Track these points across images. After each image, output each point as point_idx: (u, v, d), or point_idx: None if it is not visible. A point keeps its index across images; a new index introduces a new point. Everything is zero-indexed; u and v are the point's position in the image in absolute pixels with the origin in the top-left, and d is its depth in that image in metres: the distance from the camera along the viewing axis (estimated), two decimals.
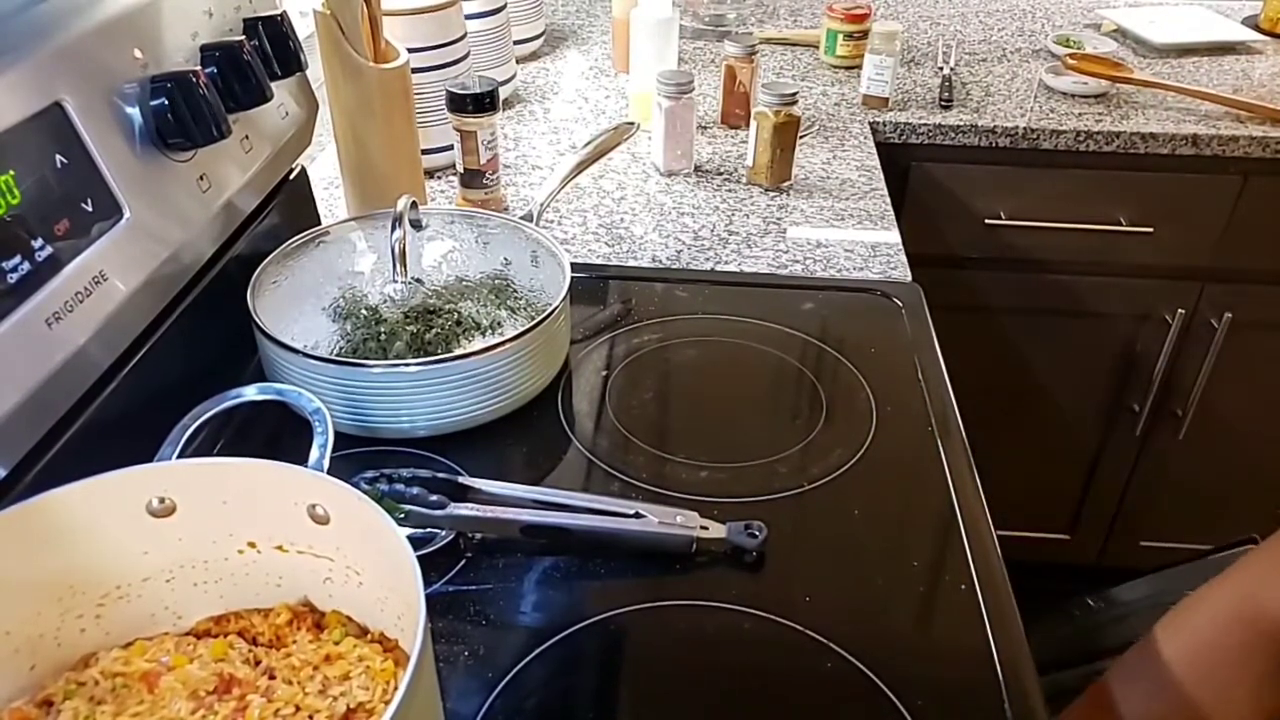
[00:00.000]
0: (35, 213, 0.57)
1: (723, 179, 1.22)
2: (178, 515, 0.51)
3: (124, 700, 0.48)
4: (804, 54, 1.66)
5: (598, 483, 0.75)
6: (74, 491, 0.48)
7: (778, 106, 1.14)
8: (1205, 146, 1.39)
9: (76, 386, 0.61)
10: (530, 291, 0.85)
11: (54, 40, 0.61)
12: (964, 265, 1.53)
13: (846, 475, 0.76)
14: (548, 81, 1.52)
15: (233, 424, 0.75)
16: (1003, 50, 1.68)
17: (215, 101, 0.70)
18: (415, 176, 1.05)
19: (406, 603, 0.46)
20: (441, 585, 0.65)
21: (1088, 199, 1.46)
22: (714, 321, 0.94)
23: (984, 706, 0.58)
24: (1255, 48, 1.67)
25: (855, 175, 1.25)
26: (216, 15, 0.76)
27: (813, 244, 1.08)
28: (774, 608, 0.64)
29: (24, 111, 0.57)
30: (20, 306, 0.55)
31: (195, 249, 0.74)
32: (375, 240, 0.88)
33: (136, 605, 0.53)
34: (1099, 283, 1.54)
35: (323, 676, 0.49)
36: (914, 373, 0.87)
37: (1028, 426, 1.67)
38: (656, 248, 1.08)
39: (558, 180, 1.02)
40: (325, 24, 0.93)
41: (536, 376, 0.81)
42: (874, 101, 1.44)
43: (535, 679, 0.59)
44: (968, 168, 1.45)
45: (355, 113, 0.97)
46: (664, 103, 1.17)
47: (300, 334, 0.77)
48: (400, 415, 0.75)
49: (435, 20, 1.13)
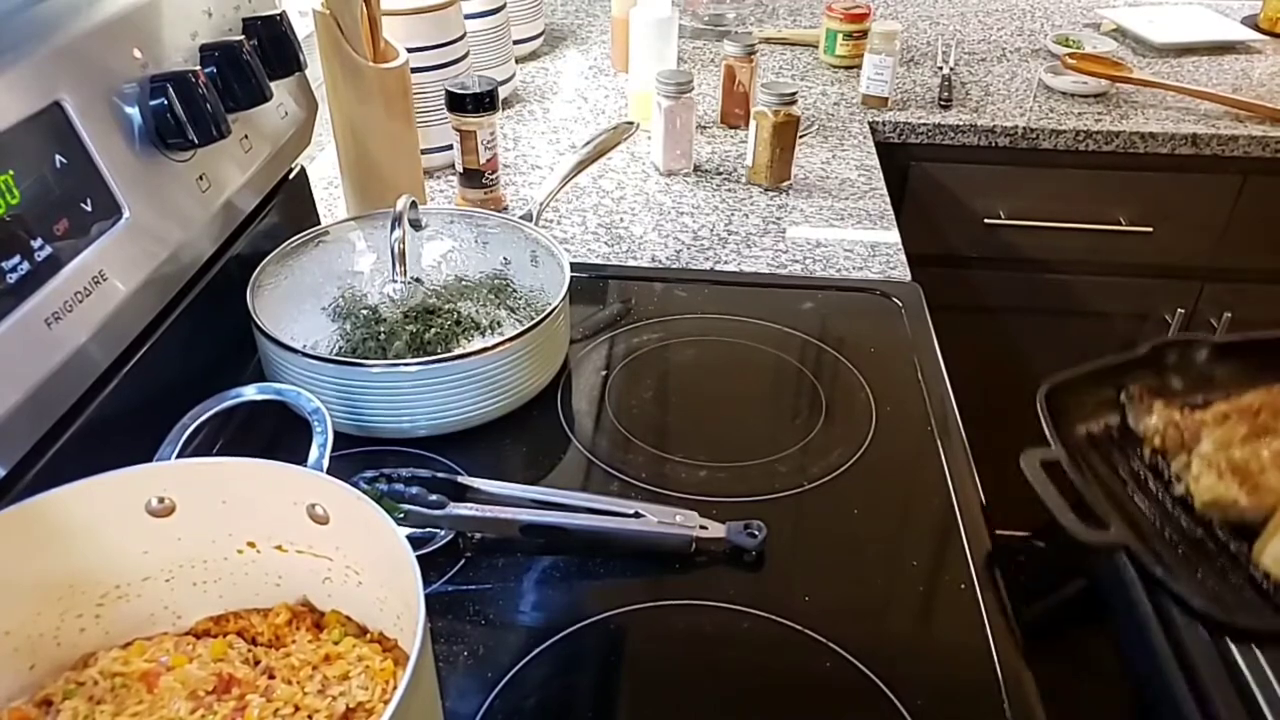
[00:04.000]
0: (35, 212, 0.57)
1: (722, 179, 1.22)
2: (177, 515, 0.51)
3: (123, 700, 0.48)
4: (803, 54, 1.66)
5: (597, 482, 0.75)
6: (74, 491, 0.48)
7: (777, 106, 1.14)
8: (1205, 146, 1.40)
9: (76, 386, 0.61)
10: (530, 291, 0.85)
11: (54, 40, 0.61)
12: (964, 265, 1.53)
13: (846, 475, 0.76)
14: (547, 81, 1.52)
15: (233, 424, 0.75)
16: (1002, 50, 1.68)
17: (215, 101, 0.70)
18: (415, 176, 1.05)
19: (406, 602, 0.46)
20: (441, 585, 0.65)
21: (1088, 199, 1.46)
22: (713, 321, 0.94)
23: (984, 706, 0.58)
24: (1255, 47, 1.67)
25: (855, 175, 1.25)
26: (216, 15, 0.76)
27: (812, 244, 1.08)
28: (773, 607, 0.64)
29: (24, 111, 0.57)
30: (20, 306, 0.55)
31: (195, 249, 0.74)
32: (375, 240, 0.88)
33: (136, 605, 0.53)
34: (1099, 283, 1.54)
35: (322, 676, 0.49)
36: (914, 373, 0.87)
37: (1028, 426, 1.67)
38: (656, 247, 1.08)
39: (557, 180, 1.02)
40: (325, 24, 0.93)
41: (536, 376, 0.81)
42: (873, 101, 1.44)
43: (535, 679, 0.59)
44: (967, 167, 1.45)
45: (355, 112, 0.97)
46: (663, 102, 1.17)
47: (300, 334, 0.77)
48: (400, 415, 0.75)
49: (435, 20, 1.13)
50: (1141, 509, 0.72)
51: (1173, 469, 0.74)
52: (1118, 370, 0.80)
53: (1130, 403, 0.78)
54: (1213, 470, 0.70)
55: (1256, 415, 0.72)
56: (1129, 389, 0.78)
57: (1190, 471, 0.72)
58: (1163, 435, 0.74)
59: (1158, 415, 0.75)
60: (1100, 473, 0.74)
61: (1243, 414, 0.73)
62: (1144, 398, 0.78)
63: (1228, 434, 0.72)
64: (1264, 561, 0.65)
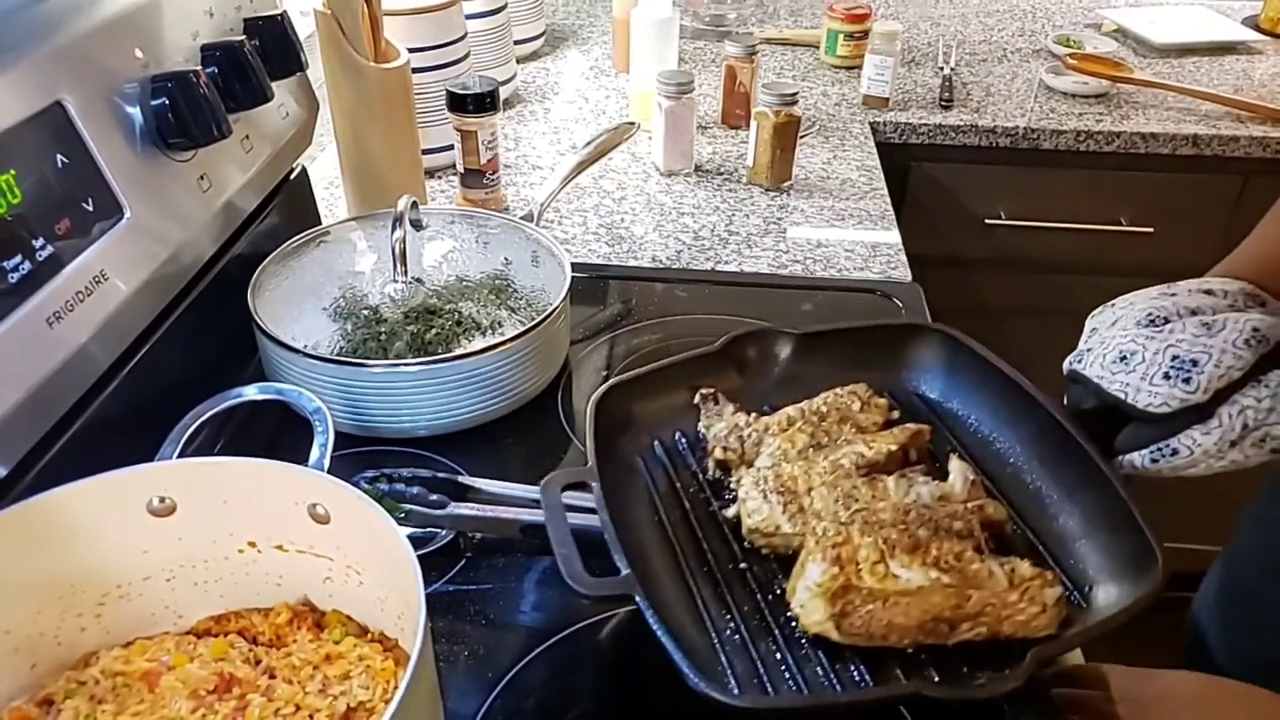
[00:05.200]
0: (36, 212, 0.57)
1: (723, 179, 1.22)
2: (178, 515, 0.51)
3: (124, 699, 0.48)
4: (804, 54, 1.66)
5: None
6: (74, 491, 0.48)
7: (778, 106, 1.14)
8: (1206, 146, 1.39)
9: (77, 386, 0.61)
10: (530, 291, 0.85)
11: (54, 40, 0.61)
12: (964, 266, 1.53)
13: None
14: (548, 81, 1.52)
15: (233, 424, 0.75)
16: (1003, 50, 1.68)
17: (215, 101, 0.70)
18: (415, 176, 1.05)
19: (406, 602, 0.46)
20: (441, 585, 0.65)
21: (1088, 199, 1.46)
22: (714, 321, 0.94)
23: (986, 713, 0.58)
24: (1255, 48, 1.67)
25: (855, 175, 1.25)
26: (217, 15, 0.76)
27: (813, 244, 1.08)
28: None
29: (25, 111, 0.57)
30: (21, 306, 0.55)
31: (195, 249, 0.74)
32: (375, 240, 0.88)
33: (137, 604, 0.53)
34: (1099, 282, 1.53)
35: (323, 676, 0.49)
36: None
37: None
38: (656, 248, 1.08)
39: (558, 180, 1.02)
40: (325, 24, 0.93)
41: (536, 376, 0.81)
42: (874, 101, 1.44)
43: (535, 679, 0.59)
44: (968, 168, 1.45)
45: (355, 112, 0.97)
46: (664, 103, 1.17)
47: (300, 334, 0.77)
48: (400, 415, 0.75)
49: (435, 20, 1.13)
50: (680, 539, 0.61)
51: (734, 485, 0.63)
52: (692, 367, 0.69)
53: (703, 405, 0.68)
54: (759, 489, 0.60)
55: (822, 421, 0.63)
56: (701, 390, 0.68)
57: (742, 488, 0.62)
58: (725, 445, 0.64)
59: (725, 421, 0.65)
60: (659, 491, 0.64)
61: (809, 419, 0.63)
62: (715, 400, 0.68)
63: (786, 444, 0.62)
64: (794, 605, 0.55)
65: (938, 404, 0.67)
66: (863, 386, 0.66)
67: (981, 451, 0.64)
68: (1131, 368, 0.57)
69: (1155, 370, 0.55)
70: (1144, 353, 0.56)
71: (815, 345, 0.69)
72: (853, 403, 0.65)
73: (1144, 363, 0.56)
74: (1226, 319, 0.55)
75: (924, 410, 0.66)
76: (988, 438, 0.66)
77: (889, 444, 0.60)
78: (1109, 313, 0.64)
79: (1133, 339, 0.58)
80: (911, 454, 0.61)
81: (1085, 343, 0.63)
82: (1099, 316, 0.65)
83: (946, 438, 0.65)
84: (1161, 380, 0.55)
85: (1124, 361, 0.57)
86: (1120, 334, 0.59)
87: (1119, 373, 0.57)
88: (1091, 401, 0.59)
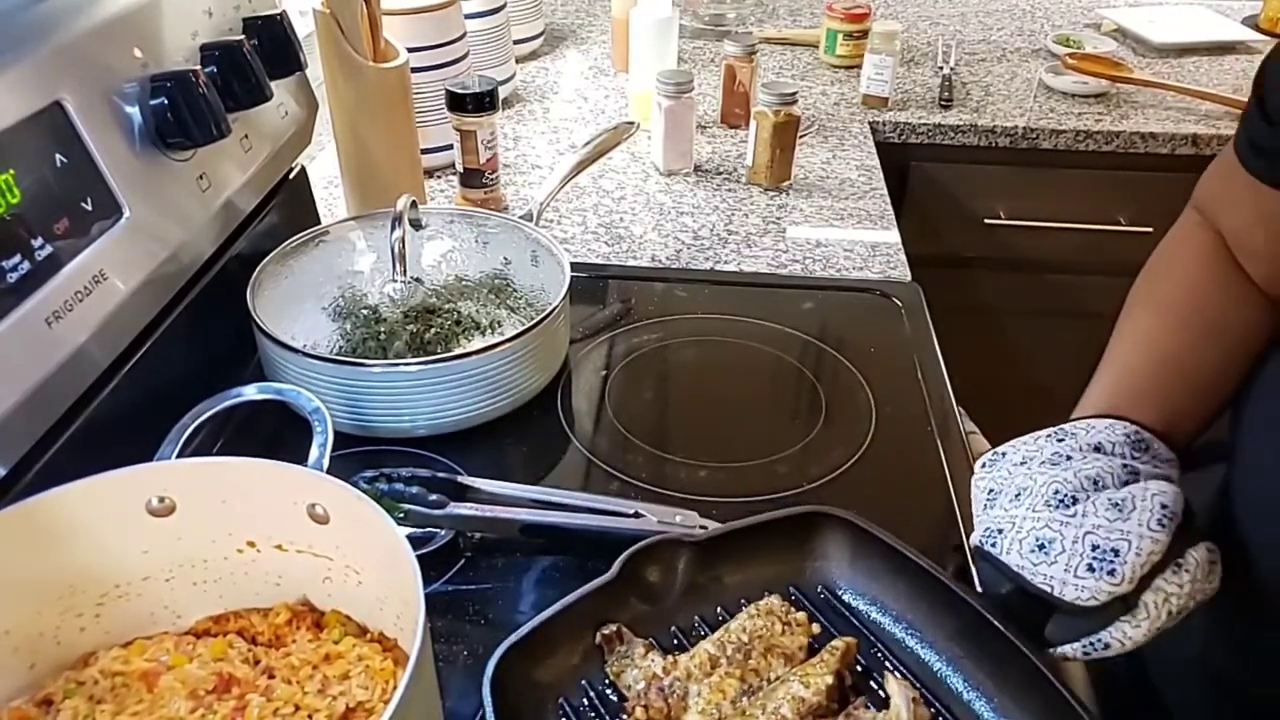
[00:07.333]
0: (35, 212, 0.57)
1: (722, 179, 1.22)
2: (177, 514, 0.51)
3: (123, 699, 0.48)
4: (804, 54, 1.66)
5: (597, 482, 0.75)
6: (74, 491, 0.48)
7: (777, 106, 1.14)
8: (1205, 146, 1.39)
9: (76, 386, 0.61)
10: (530, 291, 0.85)
11: (54, 40, 0.61)
12: (964, 265, 1.53)
13: (846, 475, 0.76)
14: (547, 81, 1.52)
15: (233, 423, 0.75)
16: (1002, 50, 1.68)
17: (215, 101, 0.70)
18: (415, 176, 1.05)
19: (405, 602, 0.46)
20: (441, 585, 0.65)
21: (1088, 199, 1.46)
22: (713, 321, 0.94)
23: None
24: (1255, 47, 1.67)
25: (855, 175, 1.25)
26: (216, 15, 0.76)
27: (812, 244, 1.08)
28: None
29: (24, 110, 0.57)
30: (20, 305, 0.55)
31: (195, 248, 0.74)
32: (375, 240, 0.88)
33: (136, 604, 0.53)
34: (1099, 282, 1.53)
35: (322, 676, 0.49)
36: (914, 373, 0.87)
37: (1028, 426, 1.67)
38: (656, 247, 1.08)
39: (557, 180, 1.02)
40: (325, 23, 0.93)
41: (536, 376, 0.81)
42: (874, 101, 1.44)
43: None
44: (967, 167, 1.45)
45: (355, 112, 0.97)
46: (664, 102, 1.17)
47: (300, 333, 0.77)
48: (400, 414, 0.75)
49: (435, 20, 1.13)
50: None
51: None
52: (592, 603, 0.57)
53: (606, 647, 0.58)
54: None
55: (748, 658, 0.56)
56: (602, 631, 0.58)
57: None
58: (646, 703, 0.54)
59: (639, 667, 0.56)
60: None
61: (733, 659, 0.56)
62: (620, 638, 0.57)
63: (716, 693, 0.54)
64: None
65: (848, 599, 0.62)
66: (776, 600, 0.60)
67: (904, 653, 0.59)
68: (1053, 559, 0.54)
69: (1078, 561, 0.53)
70: (1062, 540, 0.54)
71: (715, 549, 0.62)
72: (773, 625, 0.58)
73: (1064, 552, 0.54)
74: (1135, 497, 0.54)
75: (838, 608, 0.61)
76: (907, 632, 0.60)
77: (825, 677, 0.54)
78: (1003, 474, 0.61)
79: (1046, 524, 0.55)
80: (846, 677, 0.55)
81: (988, 515, 0.59)
82: (993, 476, 0.61)
83: (869, 640, 0.59)
84: (1086, 572, 0.53)
85: (1043, 551, 0.55)
86: (1032, 517, 0.56)
87: (1040, 564, 0.55)
88: (1008, 586, 0.57)
